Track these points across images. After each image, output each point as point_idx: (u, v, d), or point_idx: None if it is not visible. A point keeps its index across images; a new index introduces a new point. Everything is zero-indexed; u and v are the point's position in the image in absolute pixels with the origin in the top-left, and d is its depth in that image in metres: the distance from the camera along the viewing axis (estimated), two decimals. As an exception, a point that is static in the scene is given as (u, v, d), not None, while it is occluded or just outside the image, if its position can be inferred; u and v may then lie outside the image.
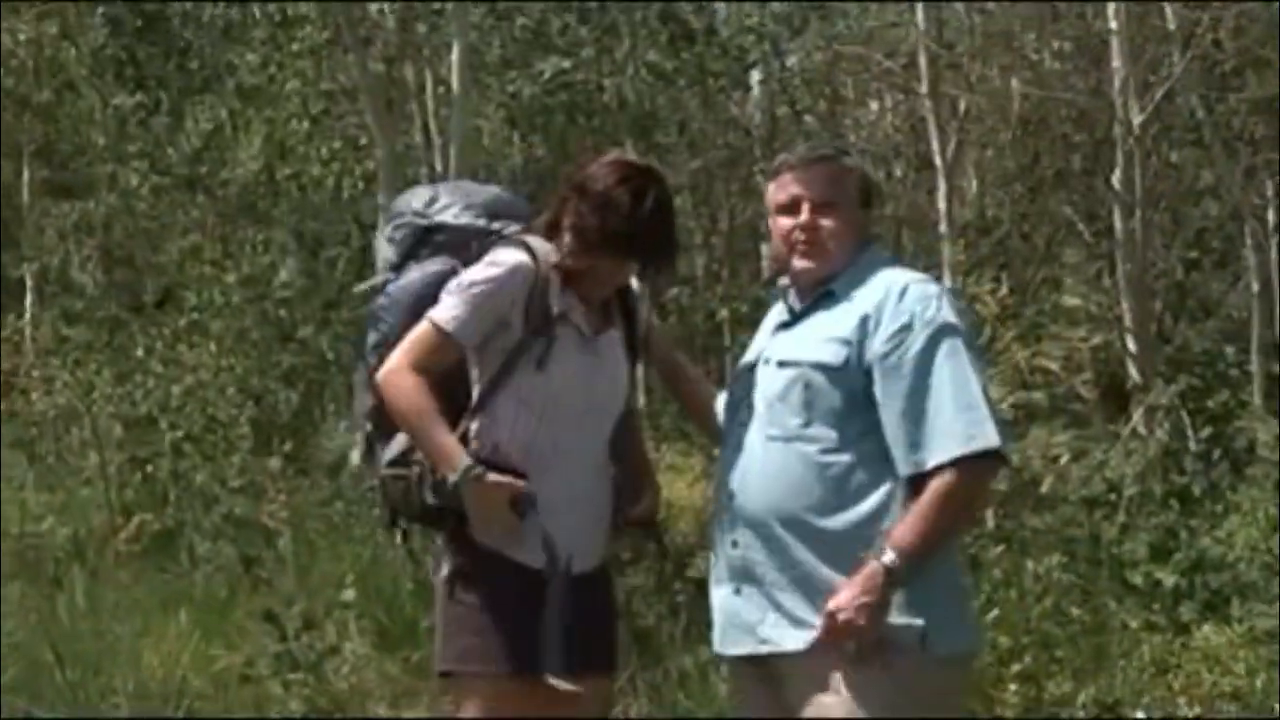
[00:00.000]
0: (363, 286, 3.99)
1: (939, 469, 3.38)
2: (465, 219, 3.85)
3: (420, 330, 3.70)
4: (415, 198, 3.93)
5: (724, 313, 13.70)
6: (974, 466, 3.39)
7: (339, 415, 10.16)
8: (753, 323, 3.76)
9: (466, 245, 3.81)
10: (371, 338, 3.86)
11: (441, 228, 3.84)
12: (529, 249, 3.73)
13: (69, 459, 10.56)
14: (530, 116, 12.22)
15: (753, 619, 3.51)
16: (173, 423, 10.16)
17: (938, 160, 10.25)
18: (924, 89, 10.32)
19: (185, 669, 7.05)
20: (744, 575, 3.52)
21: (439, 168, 11.09)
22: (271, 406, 10.67)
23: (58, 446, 10.75)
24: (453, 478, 3.64)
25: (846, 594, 3.35)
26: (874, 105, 14.84)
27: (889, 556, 3.34)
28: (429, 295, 3.75)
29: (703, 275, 14.73)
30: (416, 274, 3.81)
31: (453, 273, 3.76)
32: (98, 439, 10.07)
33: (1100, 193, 11.01)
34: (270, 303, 11.21)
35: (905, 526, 3.37)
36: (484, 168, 12.36)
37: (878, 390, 3.43)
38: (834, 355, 3.46)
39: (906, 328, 3.42)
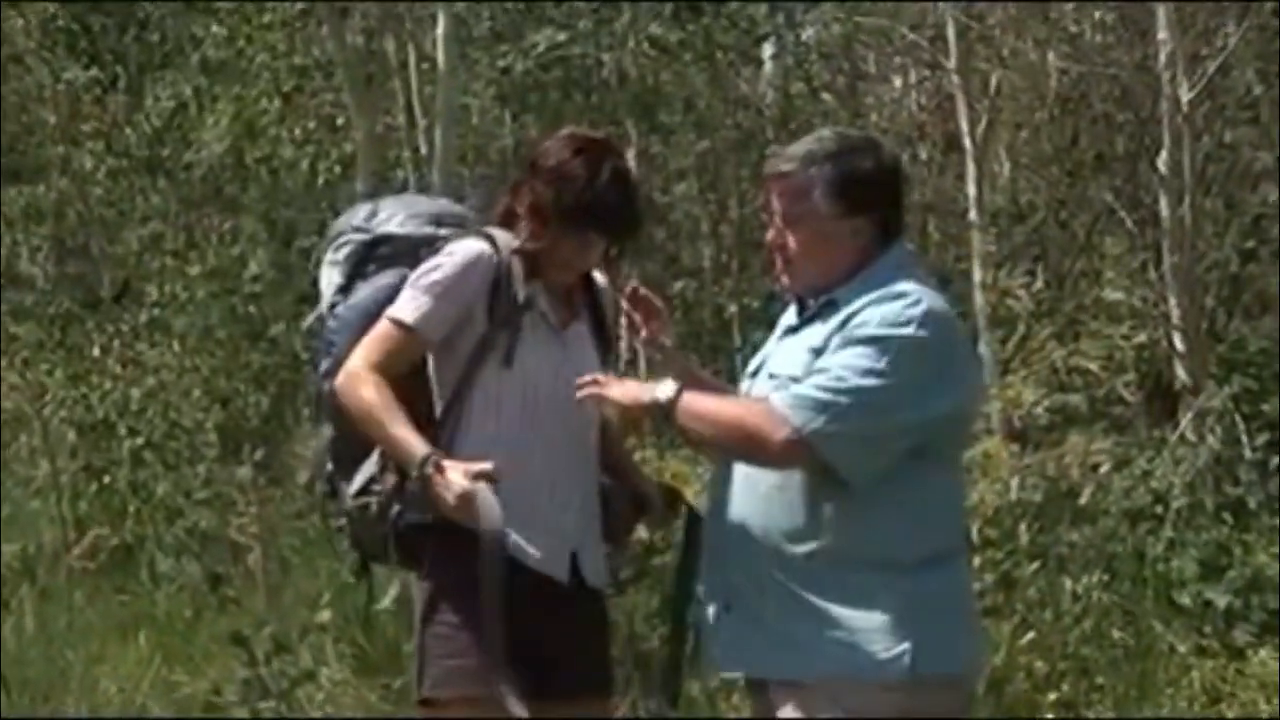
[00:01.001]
0: (309, 318, 4.03)
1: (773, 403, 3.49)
2: (410, 227, 3.91)
3: (379, 328, 3.74)
4: (354, 215, 4.00)
5: (733, 309, 13.73)
6: (775, 422, 3.45)
7: (314, 420, 10.17)
8: (763, 320, 3.81)
9: (415, 254, 3.86)
10: (323, 364, 3.89)
11: (387, 239, 3.91)
12: (488, 238, 3.80)
13: (17, 468, 10.58)
14: (522, 94, 12.22)
15: (739, 639, 3.60)
16: (132, 428, 10.17)
17: (967, 142, 10.26)
18: (952, 64, 10.33)
19: (145, 696, 7.07)
20: (731, 593, 3.61)
21: (423, 150, 11.10)
22: (240, 410, 10.68)
23: (5, 455, 10.76)
24: (414, 472, 3.65)
25: (630, 384, 3.66)
26: (897, 82, 14.84)
27: (669, 392, 3.55)
28: (383, 310, 3.80)
29: (710, 268, 14.74)
30: (367, 290, 3.87)
31: (403, 283, 3.81)
32: (49, 446, 10.09)
33: (1145, 177, 11.00)
34: (238, 297, 11.21)
35: (706, 400, 3.59)
36: (472, 149, 12.38)
37: None
38: (805, 367, 3.53)
39: (862, 325, 3.48)
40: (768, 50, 14.20)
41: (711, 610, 3.66)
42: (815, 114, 13.77)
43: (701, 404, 3.58)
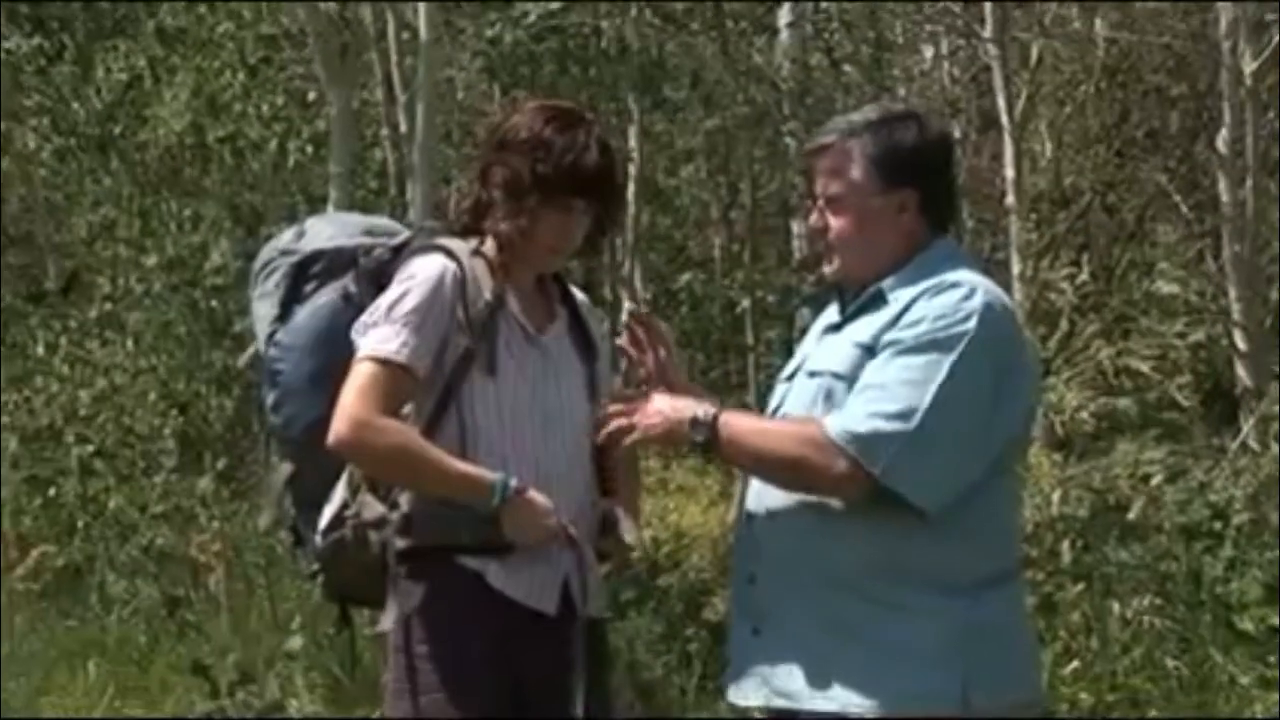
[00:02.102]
0: (244, 356, 4.06)
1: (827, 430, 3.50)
2: (341, 240, 3.98)
3: (364, 372, 3.75)
4: (279, 241, 4.05)
5: (746, 303, 13.73)
6: (831, 455, 3.47)
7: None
8: (780, 315, 3.83)
9: (353, 264, 3.93)
10: (270, 397, 3.92)
11: (317, 256, 3.96)
12: (444, 250, 3.85)
13: (-47, 480, 10.57)
14: (513, 66, 12.23)
15: (769, 666, 3.59)
16: (81, 435, 10.17)
17: (1005, 119, 10.26)
18: (988, 32, 10.33)
19: (96, 732, 7.07)
20: (763, 614, 3.61)
21: (403, 127, 11.11)
22: (201, 416, 10.68)
23: (-60, 465, 10.76)
24: (495, 500, 3.71)
25: (662, 402, 3.62)
26: (928, 52, 14.85)
27: (708, 414, 3.56)
28: (330, 329, 3.85)
29: (720, 258, 14.76)
30: (306, 311, 3.91)
31: (346, 298, 3.87)
32: (-11, 455, 10.09)
33: (1202, 157, 11.02)
34: (199, 290, 11.21)
35: (750, 422, 3.62)
36: (458, 127, 12.39)
37: None
38: (851, 363, 3.55)
39: (916, 323, 3.50)
40: (784, 18, 14.19)
41: (738, 633, 3.66)
42: (836, 88, 13.79)
43: (740, 440, 3.57)
